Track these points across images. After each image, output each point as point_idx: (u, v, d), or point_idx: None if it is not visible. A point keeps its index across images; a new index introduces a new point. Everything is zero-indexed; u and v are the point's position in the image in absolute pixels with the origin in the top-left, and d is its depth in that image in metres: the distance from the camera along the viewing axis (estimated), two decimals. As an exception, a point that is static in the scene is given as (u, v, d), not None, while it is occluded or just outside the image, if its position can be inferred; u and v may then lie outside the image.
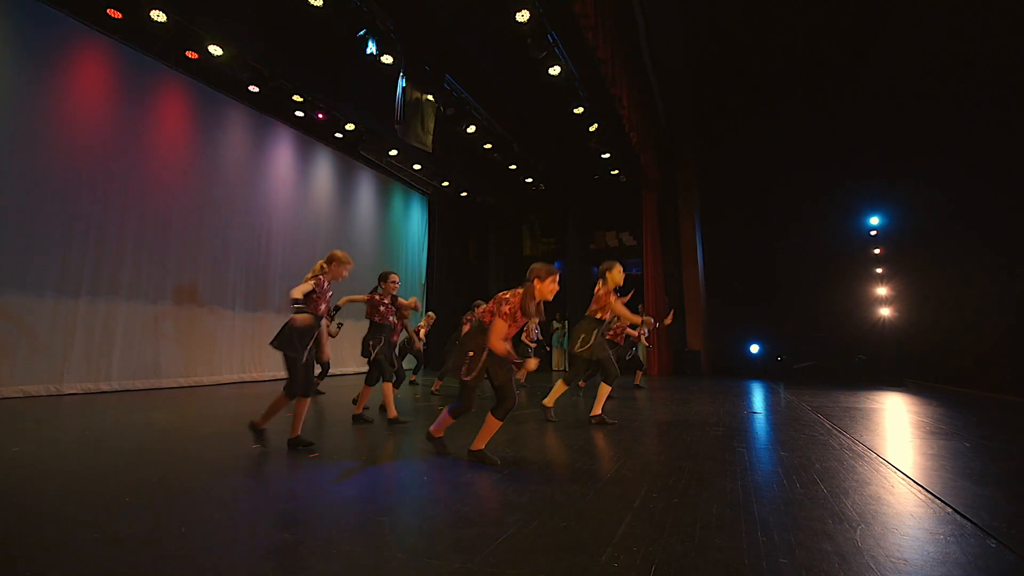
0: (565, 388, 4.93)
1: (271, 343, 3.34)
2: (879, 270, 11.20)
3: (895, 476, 2.83)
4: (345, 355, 10.56)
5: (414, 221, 14.04)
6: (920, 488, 2.60)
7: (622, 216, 14.04)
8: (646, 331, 8.01)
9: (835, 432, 4.18)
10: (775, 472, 2.91)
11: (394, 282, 4.55)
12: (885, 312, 10.85)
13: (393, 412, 4.50)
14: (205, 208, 8.50)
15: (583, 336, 4.62)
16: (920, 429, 4.38)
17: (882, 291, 11.00)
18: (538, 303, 3.00)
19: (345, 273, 3.53)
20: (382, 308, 4.52)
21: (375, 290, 4.55)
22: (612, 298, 4.59)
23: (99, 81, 7.19)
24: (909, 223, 10.48)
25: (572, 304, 12.66)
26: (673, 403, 6.28)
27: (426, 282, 14.13)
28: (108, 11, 6.91)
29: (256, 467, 3.04)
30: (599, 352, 4.61)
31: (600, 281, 4.75)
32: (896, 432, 4.34)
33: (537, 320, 3.13)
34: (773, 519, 2.13)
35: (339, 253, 3.53)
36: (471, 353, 2.97)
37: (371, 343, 4.47)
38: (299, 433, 3.43)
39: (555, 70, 7.68)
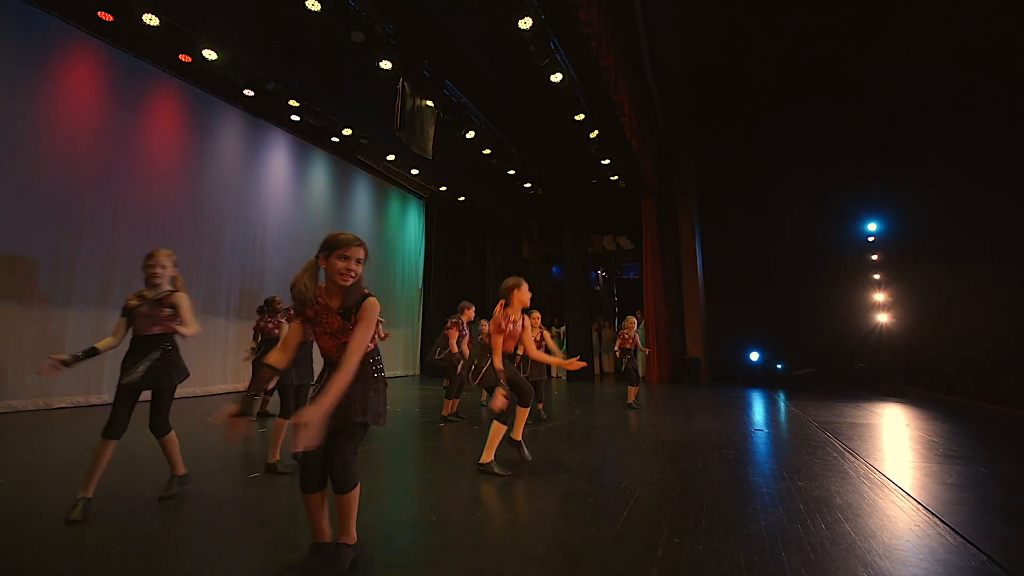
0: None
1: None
2: (877, 276, 11.19)
3: (918, 512, 2.75)
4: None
5: (411, 225, 13.89)
6: (947, 528, 2.52)
7: (619, 220, 13.98)
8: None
9: (847, 455, 4.10)
10: (796, 508, 2.81)
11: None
12: (883, 318, 10.84)
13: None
14: (198, 214, 8.32)
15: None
16: (932, 451, 4.32)
17: (880, 297, 10.99)
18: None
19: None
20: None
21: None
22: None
23: (90, 85, 6.99)
24: (909, 227, 10.44)
25: (570, 309, 12.57)
26: (676, 417, 6.20)
27: (423, 287, 13.98)
28: (99, 14, 6.71)
29: (257, 498, 2.90)
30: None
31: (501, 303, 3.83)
32: (908, 455, 4.27)
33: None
34: (805, 571, 2.03)
35: None
36: None
37: None
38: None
39: (556, 77, 7.57)
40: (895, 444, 4.74)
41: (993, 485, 3.30)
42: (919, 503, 2.90)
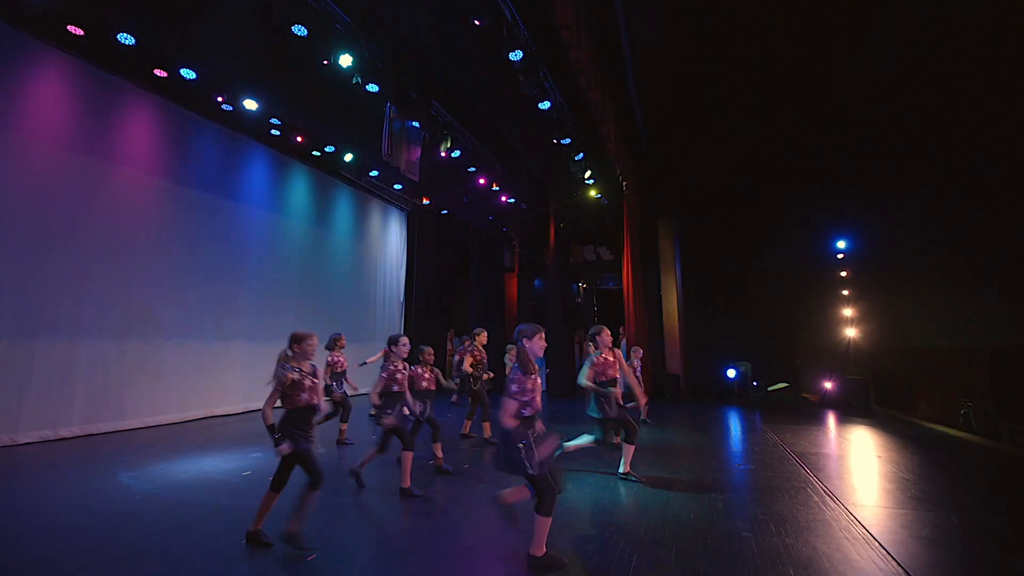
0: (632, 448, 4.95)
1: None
2: (846, 292, 11.59)
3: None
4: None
5: (392, 237, 13.75)
6: (928, 597, 2.67)
7: (599, 230, 14.17)
8: (638, 364, 8.20)
9: (828, 500, 4.29)
10: (787, 572, 2.93)
11: (405, 344, 4.41)
12: (851, 333, 11.22)
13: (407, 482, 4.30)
14: (173, 234, 8.06)
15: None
16: (905, 492, 4.54)
17: (848, 313, 11.39)
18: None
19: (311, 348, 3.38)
20: (399, 376, 4.35)
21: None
22: (622, 362, 4.89)
23: (60, 101, 6.69)
24: (878, 244, 10.79)
25: (552, 320, 12.66)
26: (659, 453, 6.21)
27: (404, 300, 13.86)
28: (69, 28, 6.41)
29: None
30: (620, 413, 4.78)
31: (591, 346, 4.95)
32: (883, 498, 4.49)
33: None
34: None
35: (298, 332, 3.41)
36: (521, 446, 2.94)
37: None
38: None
39: (545, 105, 7.61)
40: (869, 483, 4.98)
41: (963, 538, 3.51)
42: (899, 564, 3.07)
